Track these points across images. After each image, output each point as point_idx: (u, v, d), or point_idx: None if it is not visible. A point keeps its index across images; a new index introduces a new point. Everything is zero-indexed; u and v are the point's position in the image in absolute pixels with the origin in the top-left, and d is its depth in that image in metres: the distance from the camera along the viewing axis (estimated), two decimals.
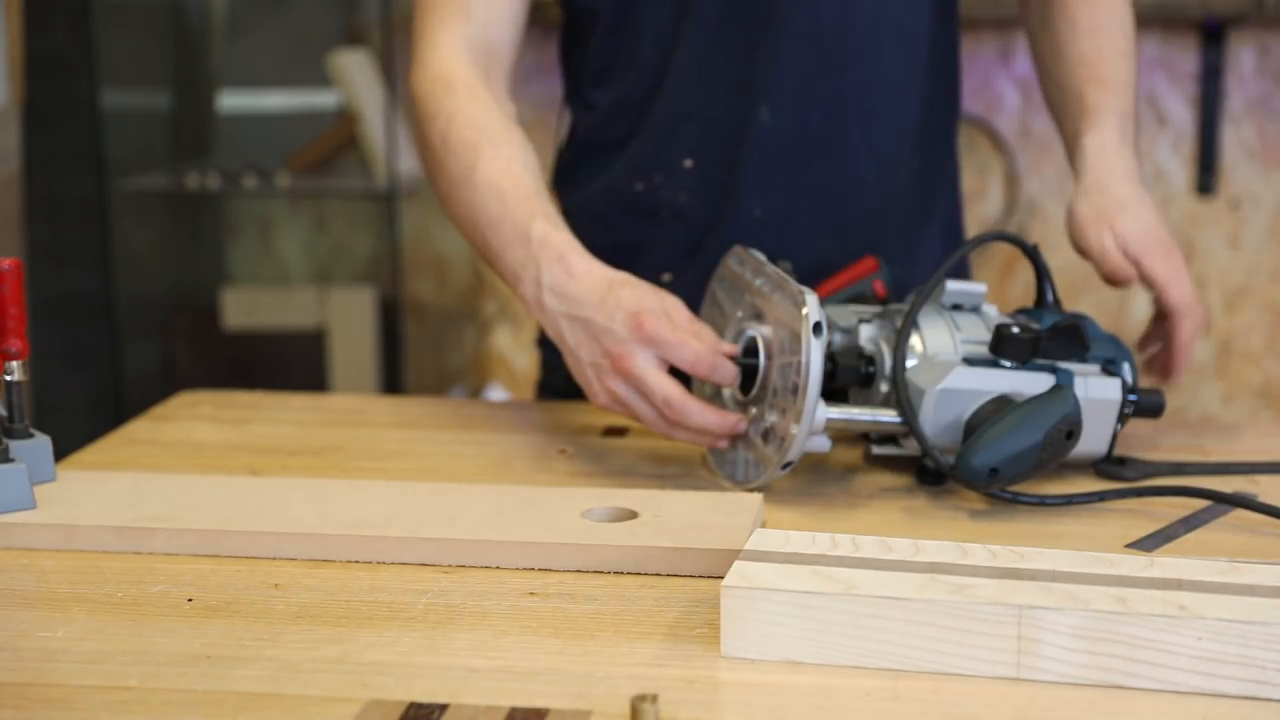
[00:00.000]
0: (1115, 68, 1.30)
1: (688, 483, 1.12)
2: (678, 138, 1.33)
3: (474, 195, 1.18)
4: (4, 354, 1.02)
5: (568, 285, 1.11)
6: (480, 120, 1.21)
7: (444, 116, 1.22)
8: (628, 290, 1.10)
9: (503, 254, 1.16)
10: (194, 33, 3.28)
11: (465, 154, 1.19)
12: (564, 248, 1.13)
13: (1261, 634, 0.74)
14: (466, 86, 1.24)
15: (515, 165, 1.19)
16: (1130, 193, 1.23)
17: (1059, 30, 1.34)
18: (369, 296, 3.17)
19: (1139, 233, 1.21)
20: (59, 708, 0.74)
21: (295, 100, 3.30)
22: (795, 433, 1.02)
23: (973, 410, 1.05)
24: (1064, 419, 1.01)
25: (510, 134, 1.22)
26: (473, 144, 1.20)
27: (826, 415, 1.05)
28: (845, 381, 1.12)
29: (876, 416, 1.09)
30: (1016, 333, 1.07)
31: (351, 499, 1.02)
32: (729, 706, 0.75)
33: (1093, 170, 1.24)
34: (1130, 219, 1.21)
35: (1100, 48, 1.31)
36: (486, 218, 1.17)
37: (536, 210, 1.15)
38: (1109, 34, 1.32)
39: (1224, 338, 3.20)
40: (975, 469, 1.01)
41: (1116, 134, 1.26)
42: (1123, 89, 1.29)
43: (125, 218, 3.03)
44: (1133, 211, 1.21)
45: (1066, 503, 1.05)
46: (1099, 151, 1.25)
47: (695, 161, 1.33)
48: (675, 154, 1.33)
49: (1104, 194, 1.22)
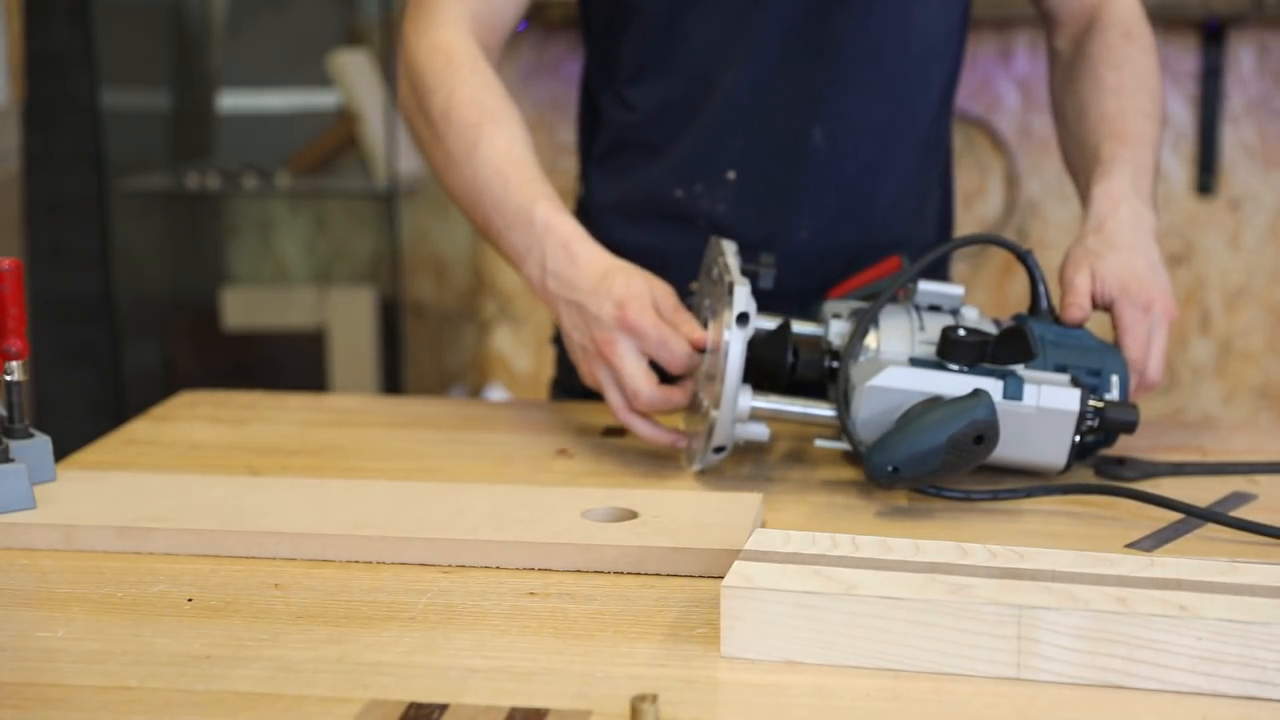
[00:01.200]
0: (1136, 125, 1.28)
1: (688, 483, 1.12)
2: (724, 150, 1.33)
3: (476, 173, 1.20)
4: (4, 354, 1.02)
5: (568, 271, 1.15)
6: (482, 97, 1.22)
7: (445, 90, 1.23)
8: (620, 278, 1.13)
9: (506, 234, 1.19)
10: (194, 33, 3.28)
11: (467, 132, 1.21)
12: (568, 234, 1.16)
13: (1261, 634, 0.74)
14: (469, 61, 1.25)
15: (517, 146, 1.21)
16: (1127, 239, 1.19)
17: (1083, 89, 1.32)
18: (369, 296, 3.17)
19: (1119, 276, 1.17)
20: (59, 708, 0.74)
21: (295, 100, 3.30)
22: (715, 418, 1.07)
23: (904, 410, 1.06)
24: (971, 424, 1.01)
25: (511, 113, 1.23)
26: (475, 122, 1.21)
27: (750, 404, 1.08)
28: (808, 374, 1.13)
29: (806, 409, 1.11)
30: (961, 336, 1.07)
31: (351, 499, 1.02)
32: (729, 706, 0.75)
33: (1096, 215, 1.21)
34: (1115, 261, 1.18)
35: (1123, 107, 1.29)
36: (490, 196, 1.19)
37: (539, 193, 1.18)
38: (1133, 94, 1.29)
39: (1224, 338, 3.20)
40: (876, 466, 1.02)
41: (1129, 184, 1.23)
42: (1141, 144, 1.26)
43: (125, 218, 3.03)
44: (1122, 256, 1.18)
45: (993, 498, 1.05)
46: (1104, 197, 1.22)
47: (739, 175, 1.33)
48: (719, 165, 1.33)
49: (1099, 235, 1.20)
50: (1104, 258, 1.18)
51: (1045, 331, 1.13)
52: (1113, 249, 1.19)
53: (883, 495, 1.09)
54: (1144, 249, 1.20)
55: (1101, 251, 1.19)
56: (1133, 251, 1.19)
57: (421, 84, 1.25)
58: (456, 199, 1.24)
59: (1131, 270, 1.18)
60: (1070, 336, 1.14)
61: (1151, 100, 1.31)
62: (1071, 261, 1.19)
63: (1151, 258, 1.20)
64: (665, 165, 1.36)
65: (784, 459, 1.18)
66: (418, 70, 1.26)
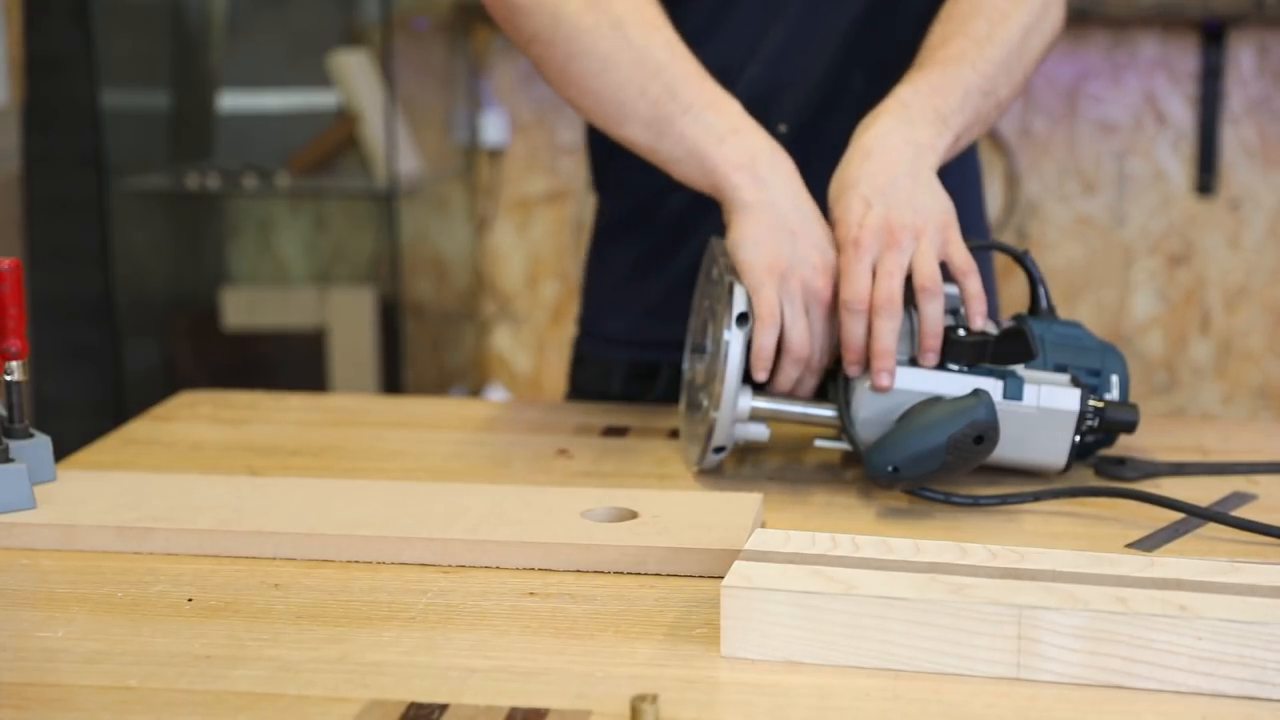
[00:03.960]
0: (944, 50, 1.19)
1: (688, 483, 1.12)
2: (774, 104, 1.30)
3: (658, 53, 1.14)
4: (4, 354, 1.02)
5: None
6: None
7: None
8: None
9: (706, 118, 1.13)
10: (194, 33, 3.28)
11: (636, 23, 1.14)
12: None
13: (1261, 634, 0.74)
14: None
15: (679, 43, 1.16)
16: (863, 141, 1.12)
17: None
18: (369, 296, 3.17)
19: (836, 179, 1.12)
20: (59, 708, 0.74)
21: (295, 100, 3.30)
22: (715, 418, 1.06)
23: (904, 410, 1.06)
24: (971, 424, 1.01)
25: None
26: (634, 13, 1.15)
27: (750, 404, 1.08)
28: None
29: (807, 410, 1.11)
30: (961, 336, 1.07)
31: (351, 499, 1.02)
32: (729, 706, 0.75)
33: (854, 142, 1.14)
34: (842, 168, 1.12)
35: (944, 33, 1.21)
36: (668, 74, 1.13)
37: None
38: (962, 20, 1.21)
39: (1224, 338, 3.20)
40: (876, 466, 1.02)
41: (894, 110, 1.14)
42: (939, 66, 1.17)
43: (125, 218, 3.03)
44: (847, 158, 1.12)
45: (1000, 502, 1.05)
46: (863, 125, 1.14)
47: (789, 127, 1.31)
48: (771, 121, 1.27)
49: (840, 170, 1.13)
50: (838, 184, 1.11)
51: (1045, 331, 1.13)
52: (847, 161, 1.12)
53: (883, 495, 1.09)
54: (870, 146, 1.12)
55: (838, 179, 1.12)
56: (855, 150, 1.12)
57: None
58: (620, 92, 1.14)
59: (844, 169, 1.11)
60: (1070, 336, 1.14)
61: (982, 20, 1.20)
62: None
63: (877, 148, 1.11)
64: None
65: (784, 459, 1.18)
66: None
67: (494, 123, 3.36)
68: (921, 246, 1.09)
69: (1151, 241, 3.19)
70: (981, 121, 1.21)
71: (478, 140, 3.37)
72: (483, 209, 3.41)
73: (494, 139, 3.36)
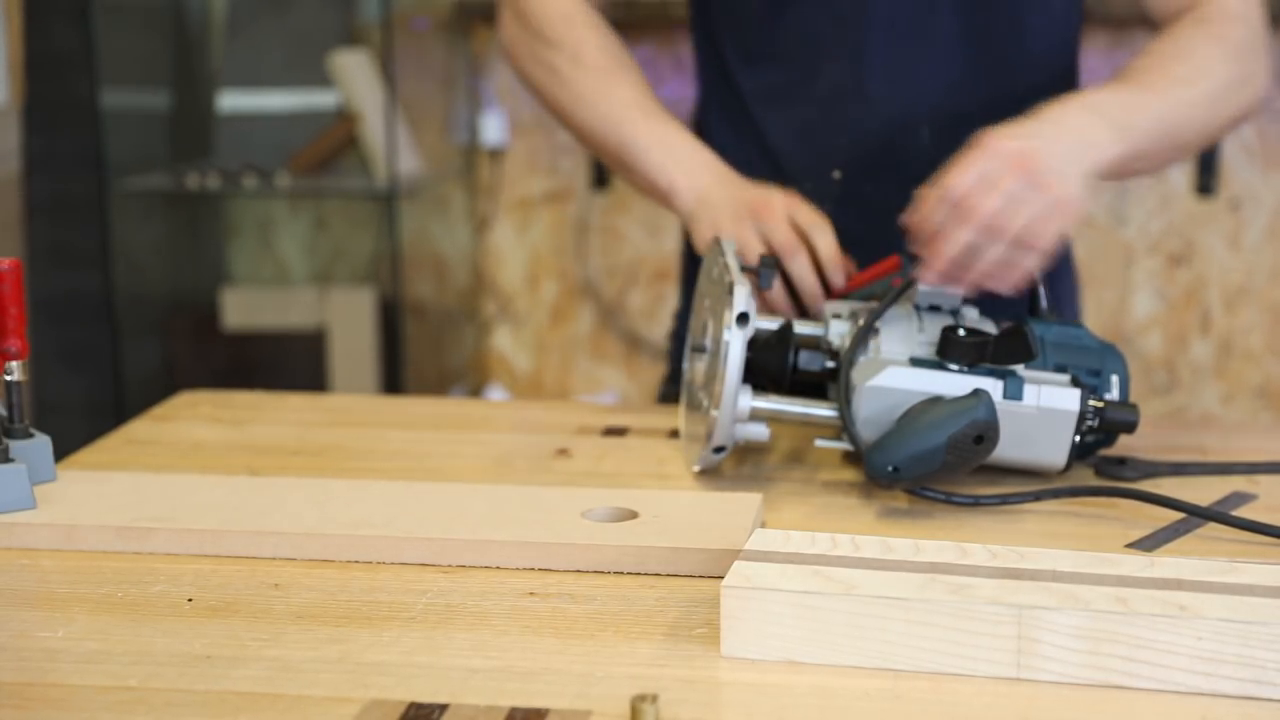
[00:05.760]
0: (1145, 75, 1.17)
1: (688, 483, 1.12)
2: (830, 149, 1.34)
3: (611, 109, 1.31)
4: (4, 354, 1.02)
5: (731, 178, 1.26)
6: (609, 48, 1.34)
7: (572, 42, 1.34)
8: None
9: (645, 155, 1.28)
10: (194, 33, 3.28)
11: (601, 75, 1.32)
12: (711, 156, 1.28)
13: (1261, 634, 0.74)
14: (589, 20, 1.36)
15: (647, 89, 1.32)
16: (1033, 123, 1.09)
17: None
18: (369, 296, 3.17)
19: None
20: (59, 708, 0.74)
21: (295, 100, 3.30)
22: (715, 418, 1.06)
23: (904, 409, 1.06)
24: (971, 424, 1.01)
25: (634, 64, 1.34)
26: (606, 68, 1.33)
27: (750, 404, 1.08)
28: (810, 375, 1.14)
29: (807, 409, 1.11)
30: (961, 336, 1.07)
31: (351, 499, 1.02)
32: (729, 706, 0.75)
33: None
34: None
35: (1146, 64, 1.19)
36: (630, 126, 1.29)
37: (676, 123, 1.30)
38: (1164, 57, 1.19)
39: (1224, 338, 3.20)
40: (876, 466, 1.02)
41: (1080, 100, 1.13)
42: (1137, 86, 1.16)
43: (125, 218, 3.03)
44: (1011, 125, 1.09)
45: (1000, 502, 1.05)
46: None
47: (844, 174, 1.34)
48: (826, 165, 1.35)
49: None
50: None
51: (1045, 331, 1.13)
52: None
53: (883, 495, 1.09)
54: (1044, 133, 1.08)
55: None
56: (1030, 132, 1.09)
57: (544, 38, 1.36)
58: (587, 135, 1.34)
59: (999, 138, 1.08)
60: (1070, 336, 1.14)
61: (1186, 66, 1.18)
62: None
63: (1044, 139, 1.07)
64: (773, 159, 1.38)
65: (784, 459, 1.18)
66: (539, 25, 1.36)
67: (494, 123, 3.36)
68: (993, 250, 1.07)
69: (1151, 241, 3.19)
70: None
71: (478, 140, 3.37)
72: (483, 209, 3.41)
73: (494, 139, 3.36)
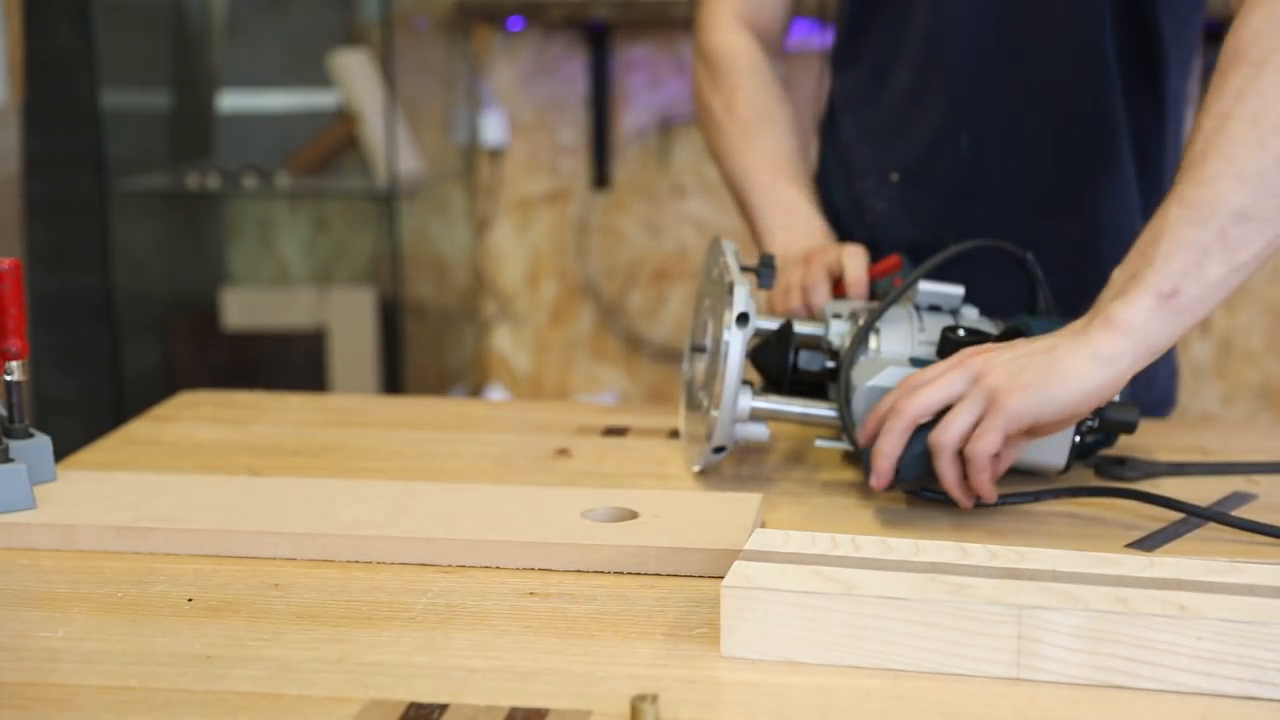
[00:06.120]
0: (1212, 187, 0.97)
1: (688, 483, 1.12)
2: (888, 150, 1.36)
3: (747, 161, 1.36)
4: (4, 354, 1.02)
5: None
6: (759, 99, 1.38)
7: (728, 88, 1.39)
8: None
9: (765, 216, 1.34)
10: (194, 33, 3.28)
11: (747, 127, 1.37)
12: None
13: (1261, 634, 0.74)
14: (749, 62, 1.40)
15: (786, 145, 1.37)
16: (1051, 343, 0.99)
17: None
18: (369, 296, 3.17)
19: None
20: (59, 708, 0.74)
21: (295, 100, 3.30)
22: (716, 417, 1.06)
23: None
24: None
25: (784, 115, 1.39)
26: (752, 120, 1.37)
27: (750, 404, 1.08)
28: (809, 375, 1.13)
29: (807, 410, 1.11)
30: (960, 336, 1.07)
31: (351, 499, 1.02)
32: (729, 706, 0.75)
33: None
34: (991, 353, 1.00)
35: (1207, 147, 0.99)
36: (757, 180, 1.36)
37: (801, 186, 1.35)
38: (1228, 126, 0.99)
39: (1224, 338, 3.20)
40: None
41: (1146, 304, 0.97)
42: (1205, 216, 0.97)
43: (125, 218, 3.03)
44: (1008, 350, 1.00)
45: (1000, 503, 1.04)
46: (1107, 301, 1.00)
47: (901, 176, 1.36)
48: (885, 165, 1.37)
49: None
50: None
51: (1045, 332, 1.13)
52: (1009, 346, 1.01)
53: (883, 496, 1.09)
54: (1061, 348, 0.98)
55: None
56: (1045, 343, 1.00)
57: (711, 78, 1.41)
58: (728, 183, 1.39)
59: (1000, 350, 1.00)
60: None
61: (1244, 147, 0.98)
62: None
63: (1056, 355, 0.98)
64: (843, 157, 1.43)
65: (784, 459, 1.18)
66: (710, 61, 1.41)
67: (494, 123, 3.36)
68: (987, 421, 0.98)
69: None
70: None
71: (478, 140, 3.37)
72: (483, 209, 3.41)
73: (494, 139, 3.36)
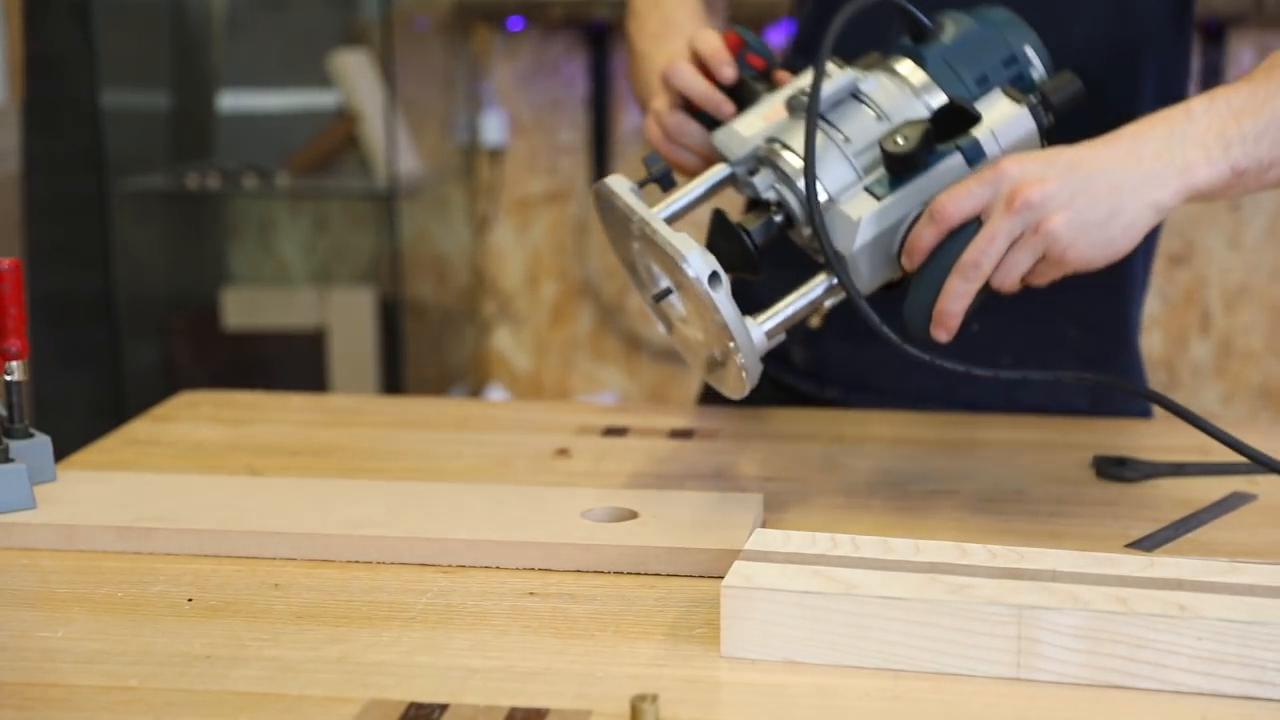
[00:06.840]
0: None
1: (688, 483, 1.12)
2: None
3: (644, 27, 1.31)
4: (4, 354, 1.02)
5: None
6: (667, 12, 1.32)
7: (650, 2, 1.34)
8: None
9: (645, 46, 1.29)
10: (194, 33, 3.28)
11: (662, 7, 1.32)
12: None
13: (1261, 634, 0.74)
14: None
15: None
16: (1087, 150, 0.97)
17: None
18: (369, 296, 3.17)
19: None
20: (59, 708, 0.74)
21: (295, 100, 3.30)
22: (743, 363, 0.97)
23: (901, 237, 1.00)
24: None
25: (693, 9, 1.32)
26: (655, 33, 1.30)
27: (765, 330, 1.00)
28: (766, 240, 1.04)
29: (808, 296, 1.02)
30: (900, 145, 0.99)
31: (351, 499, 1.02)
32: (729, 706, 0.75)
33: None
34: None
35: None
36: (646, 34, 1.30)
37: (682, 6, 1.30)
38: None
39: (1224, 338, 3.20)
40: (917, 321, 0.98)
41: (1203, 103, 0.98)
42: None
43: (125, 218, 3.03)
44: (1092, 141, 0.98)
45: (1022, 378, 1.02)
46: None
47: None
48: None
49: None
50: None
51: (945, 54, 1.05)
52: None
53: (883, 495, 1.09)
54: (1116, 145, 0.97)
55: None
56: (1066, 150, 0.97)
57: (632, 11, 1.36)
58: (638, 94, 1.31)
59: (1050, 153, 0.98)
60: (966, 42, 1.05)
61: None
62: None
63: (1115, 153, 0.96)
64: None
65: (784, 459, 1.18)
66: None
67: (494, 123, 3.36)
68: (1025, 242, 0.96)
69: None
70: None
71: (478, 140, 3.37)
72: (483, 209, 3.41)
73: (494, 139, 3.36)
